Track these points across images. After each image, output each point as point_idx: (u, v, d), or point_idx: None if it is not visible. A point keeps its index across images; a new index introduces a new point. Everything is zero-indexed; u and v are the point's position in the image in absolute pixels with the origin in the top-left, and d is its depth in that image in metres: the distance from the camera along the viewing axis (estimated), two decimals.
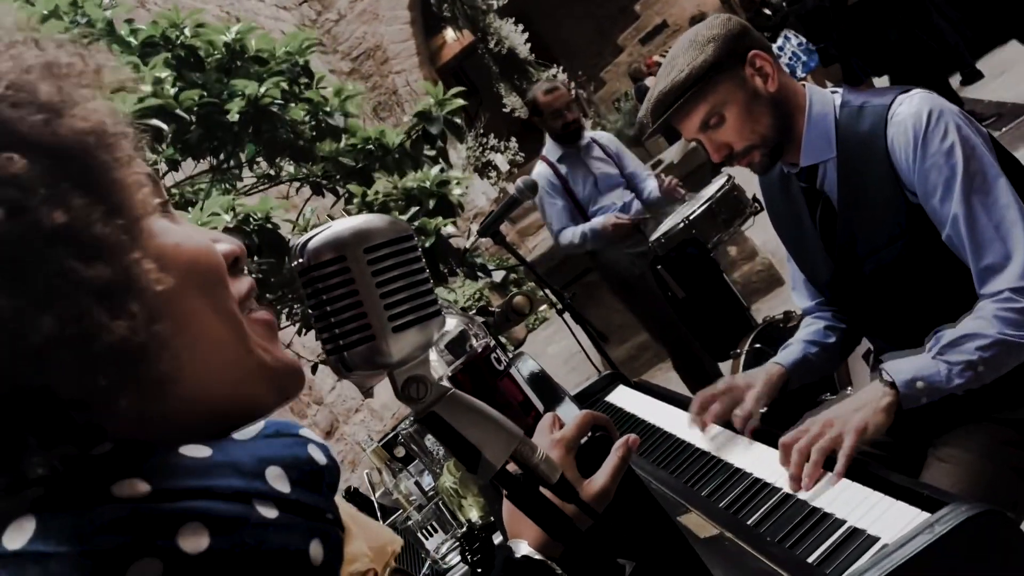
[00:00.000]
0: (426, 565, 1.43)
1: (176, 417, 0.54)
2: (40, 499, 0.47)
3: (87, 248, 0.49)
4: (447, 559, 1.42)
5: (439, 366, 0.94)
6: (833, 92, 1.59)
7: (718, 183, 3.23)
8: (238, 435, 0.59)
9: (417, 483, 1.67)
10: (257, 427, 0.61)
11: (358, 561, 0.61)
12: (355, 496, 1.84)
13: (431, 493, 1.59)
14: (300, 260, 0.59)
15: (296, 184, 3.37)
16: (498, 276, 3.76)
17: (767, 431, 1.46)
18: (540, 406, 0.94)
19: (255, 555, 0.50)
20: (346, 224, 0.59)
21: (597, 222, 3.74)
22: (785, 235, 1.79)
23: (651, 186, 3.80)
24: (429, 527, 1.44)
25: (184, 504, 0.49)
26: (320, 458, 0.58)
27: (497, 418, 0.65)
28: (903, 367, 1.38)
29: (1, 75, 0.52)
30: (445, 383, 0.64)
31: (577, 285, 4.96)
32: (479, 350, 0.92)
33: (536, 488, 0.67)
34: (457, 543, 1.40)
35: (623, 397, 2.08)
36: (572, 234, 3.83)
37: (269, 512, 0.51)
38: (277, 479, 0.53)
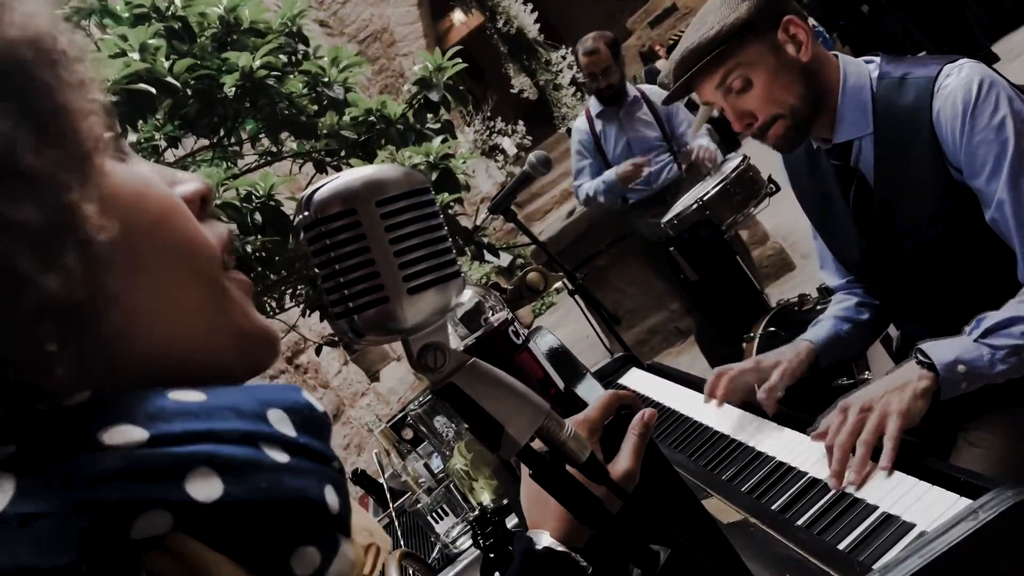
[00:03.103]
0: (436, 549, 1.39)
1: (132, 380, 0.47)
2: (14, 456, 0.41)
3: (14, 183, 0.41)
4: (458, 543, 1.37)
5: (453, 340, 0.89)
6: (868, 62, 1.50)
7: (733, 163, 3.16)
8: None
9: (426, 465, 1.62)
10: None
11: (359, 536, 0.56)
12: (363, 478, 1.80)
13: (441, 475, 1.54)
14: (306, 213, 0.53)
15: (299, 162, 3.33)
16: (505, 260, 3.72)
17: (790, 414, 1.40)
18: (560, 383, 0.88)
19: (272, 500, 0.44)
20: (357, 174, 0.54)
21: (608, 173, 3.75)
22: (812, 212, 1.71)
23: (698, 140, 3.73)
24: (439, 510, 1.39)
25: (189, 448, 0.42)
26: (318, 406, 0.52)
27: (522, 391, 0.60)
28: (943, 348, 1.28)
29: None
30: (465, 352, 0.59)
31: (586, 268, 4.90)
32: (496, 323, 0.87)
33: (563, 467, 0.61)
34: (468, 527, 1.35)
35: (637, 380, 2.04)
36: (588, 188, 3.85)
37: (280, 456, 0.45)
38: (281, 422, 0.47)
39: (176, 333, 0.49)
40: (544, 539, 0.71)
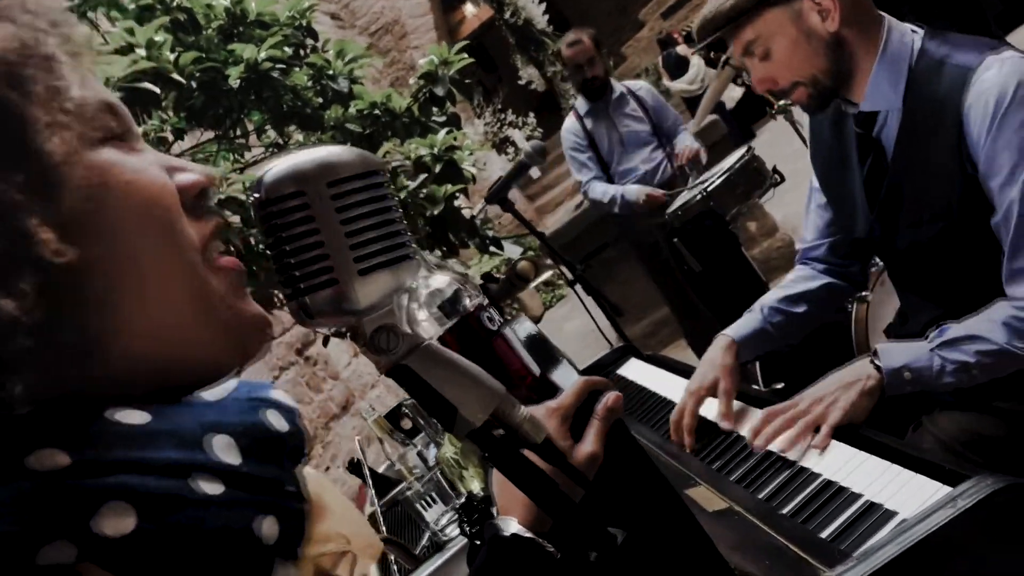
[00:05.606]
0: (425, 537, 1.39)
1: (116, 377, 0.48)
2: None
3: None
4: (446, 531, 1.37)
5: (429, 326, 0.89)
6: (914, 32, 1.43)
7: (738, 154, 3.14)
8: (207, 395, 0.53)
9: (420, 454, 1.63)
10: (228, 387, 0.55)
11: (332, 542, 0.55)
12: (357, 468, 1.81)
13: (433, 464, 1.54)
14: (256, 194, 0.53)
15: None
16: (514, 252, 3.71)
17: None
18: (536, 369, 0.88)
19: (191, 536, 0.44)
20: (309, 155, 0.54)
21: (631, 191, 3.69)
22: (824, 173, 1.65)
23: (682, 139, 3.74)
24: (428, 498, 1.39)
25: (108, 479, 0.43)
26: (280, 424, 0.52)
27: (476, 373, 0.60)
28: (896, 354, 1.33)
29: None
30: (420, 334, 0.59)
31: (594, 260, 4.89)
32: (470, 309, 0.87)
33: (517, 449, 0.61)
34: (456, 514, 1.35)
35: (635, 370, 2.04)
36: (603, 192, 3.80)
37: (212, 487, 0.45)
38: (225, 449, 0.48)
39: (158, 332, 0.50)
40: (512, 526, 0.71)
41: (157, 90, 2.40)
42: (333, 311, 0.54)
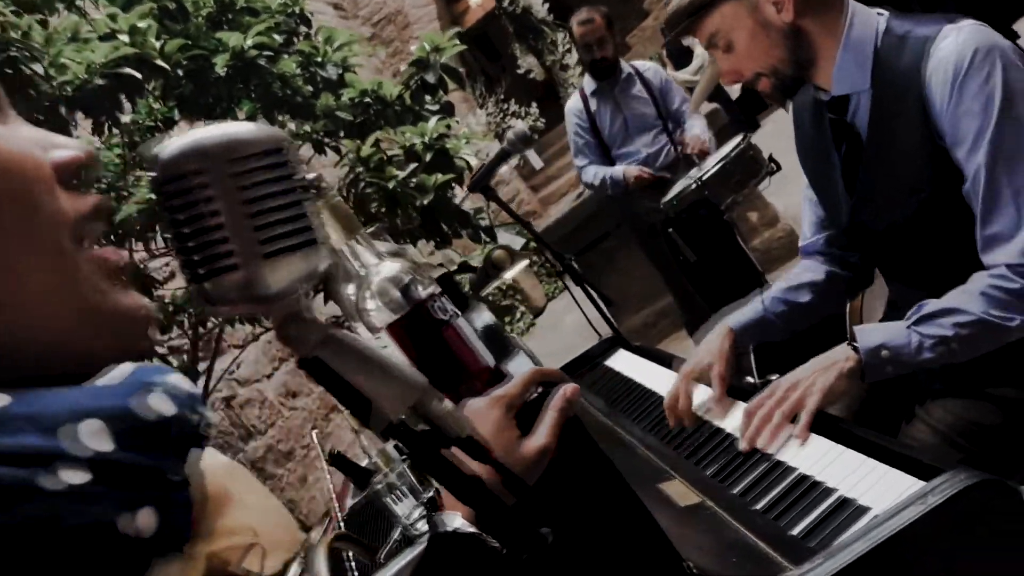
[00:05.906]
0: (397, 531, 1.36)
1: None
2: None
3: None
4: (417, 525, 1.34)
5: (378, 315, 0.86)
6: (880, 14, 1.43)
7: (733, 142, 3.10)
8: (101, 381, 0.50)
9: (398, 447, 1.59)
10: (123, 372, 0.52)
11: (237, 535, 0.52)
12: (339, 460, 1.78)
13: (403, 457, 1.51)
14: (154, 173, 0.50)
15: (296, 143, 3.31)
16: (517, 242, 3.67)
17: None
18: (489, 359, 0.85)
19: (48, 530, 0.40)
20: (210, 131, 0.50)
21: (618, 171, 3.69)
22: (809, 167, 1.65)
23: (692, 126, 3.71)
24: (400, 491, 1.36)
25: None
26: (164, 408, 0.48)
27: (394, 365, 0.56)
28: (873, 333, 1.30)
29: None
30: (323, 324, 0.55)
31: (594, 251, 4.86)
32: (421, 297, 0.84)
33: (438, 445, 0.58)
34: (424, 509, 1.32)
35: (622, 361, 2.01)
36: (595, 175, 3.80)
37: (77, 476, 0.41)
38: (94, 435, 0.43)
39: (18, 311, 0.47)
40: (456, 521, 0.68)
41: (139, 75, 2.38)
42: (239, 297, 0.51)
